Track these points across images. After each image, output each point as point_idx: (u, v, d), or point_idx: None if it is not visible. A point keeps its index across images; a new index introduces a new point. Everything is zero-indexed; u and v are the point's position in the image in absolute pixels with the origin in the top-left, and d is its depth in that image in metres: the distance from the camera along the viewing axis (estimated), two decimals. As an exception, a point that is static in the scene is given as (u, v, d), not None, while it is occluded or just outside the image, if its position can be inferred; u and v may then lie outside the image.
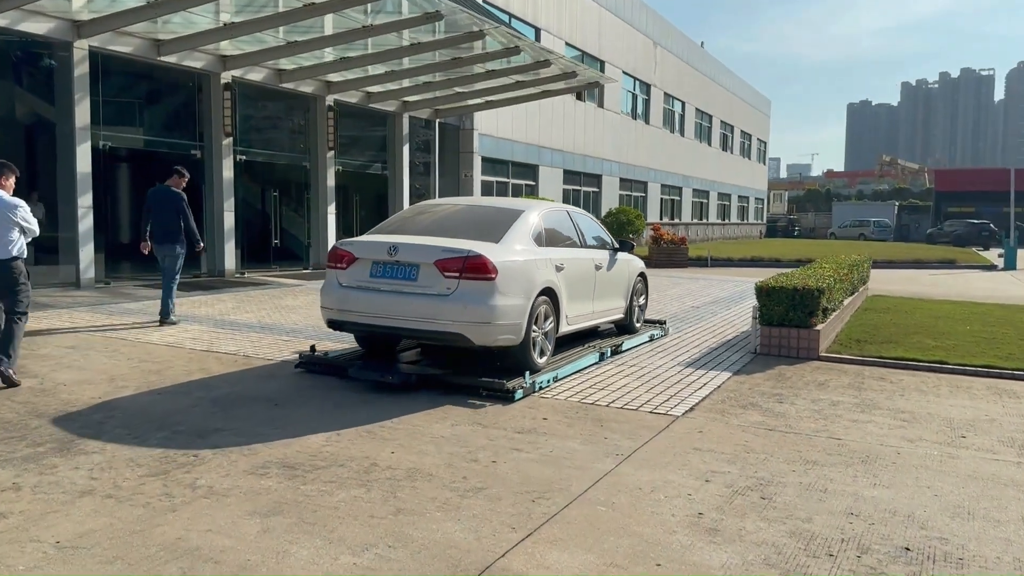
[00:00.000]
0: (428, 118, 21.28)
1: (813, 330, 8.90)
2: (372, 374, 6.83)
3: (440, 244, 6.75)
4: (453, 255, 6.56)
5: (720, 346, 9.56)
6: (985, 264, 28.07)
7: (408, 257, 6.70)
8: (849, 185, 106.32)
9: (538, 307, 7.07)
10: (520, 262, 6.94)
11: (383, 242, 6.90)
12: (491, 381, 6.55)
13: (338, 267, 7.04)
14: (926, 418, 6.42)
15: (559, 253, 7.71)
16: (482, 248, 6.69)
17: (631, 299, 9.59)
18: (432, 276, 6.58)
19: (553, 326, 7.43)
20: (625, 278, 9.40)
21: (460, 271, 6.50)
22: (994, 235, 47.56)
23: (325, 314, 7.17)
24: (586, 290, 8.25)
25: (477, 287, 6.49)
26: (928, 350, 9.18)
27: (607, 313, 8.99)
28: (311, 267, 17.80)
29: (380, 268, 6.80)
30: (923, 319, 11.93)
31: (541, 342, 7.24)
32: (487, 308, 6.49)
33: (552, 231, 7.91)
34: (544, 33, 26.44)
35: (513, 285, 6.72)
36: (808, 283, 9.03)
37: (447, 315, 6.49)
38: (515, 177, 26.10)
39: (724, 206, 51.53)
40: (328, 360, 7.36)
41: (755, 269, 23.90)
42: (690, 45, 43.09)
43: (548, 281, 7.25)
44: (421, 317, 6.56)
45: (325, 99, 17.47)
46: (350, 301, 6.88)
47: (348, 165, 18.93)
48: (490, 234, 7.07)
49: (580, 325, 8.27)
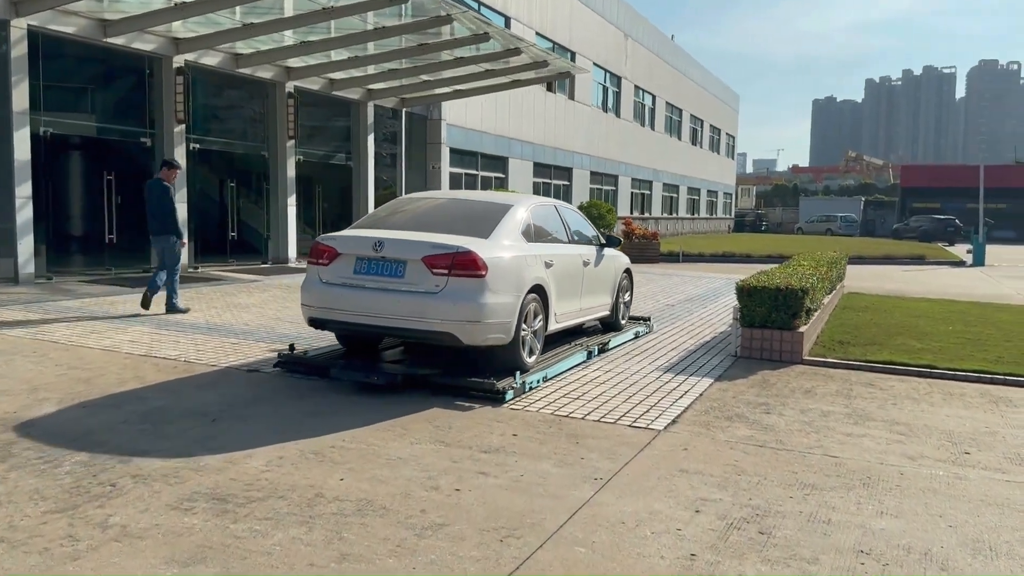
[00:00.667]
0: (394, 107, 20.58)
1: (797, 332, 8.44)
2: (356, 374, 6.53)
3: (428, 239, 6.49)
4: (442, 251, 6.32)
5: (699, 348, 9.08)
6: (954, 260, 28.04)
7: (394, 253, 6.44)
8: (815, 180, 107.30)
9: (528, 305, 6.85)
10: (510, 258, 6.70)
11: (368, 237, 6.61)
12: (480, 381, 6.31)
13: (319, 263, 6.73)
14: (924, 431, 5.97)
15: (548, 249, 7.50)
16: (472, 244, 6.45)
17: (617, 296, 9.37)
18: (420, 273, 6.33)
19: (542, 324, 7.21)
20: (611, 274, 9.17)
21: (449, 268, 6.27)
22: (959, 231, 47.90)
23: (306, 312, 6.86)
24: (574, 287, 8.03)
25: (467, 284, 6.26)
26: (914, 353, 8.78)
27: (594, 310, 8.77)
28: (270, 261, 17.05)
29: (365, 264, 6.52)
30: (903, 318, 11.56)
31: (530, 341, 7.02)
32: (477, 306, 6.26)
33: (540, 226, 7.67)
34: (514, 22, 25.81)
35: (503, 282, 6.50)
36: (791, 282, 8.57)
37: (436, 313, 6.25)
38: (484, 169, 25.49)
39: (693, 200, 51.35)
40: (309, 360, 7.00)
41: (727, 265, 23.57)
42: (661, 38, 42.71)
43: (538, 278, 7.03)
44: (408, 315, 6.32)
45: (285, 85, 16.72)
46: (333, 299, 6.61)
47: (310, 155, 18.18)
48: (478, 229, 6.82)
49: (568, 323, 8.05)
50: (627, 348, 8.95)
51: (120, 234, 14.05)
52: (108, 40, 13.10)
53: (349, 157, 19.49)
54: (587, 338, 8.77)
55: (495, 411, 5.99)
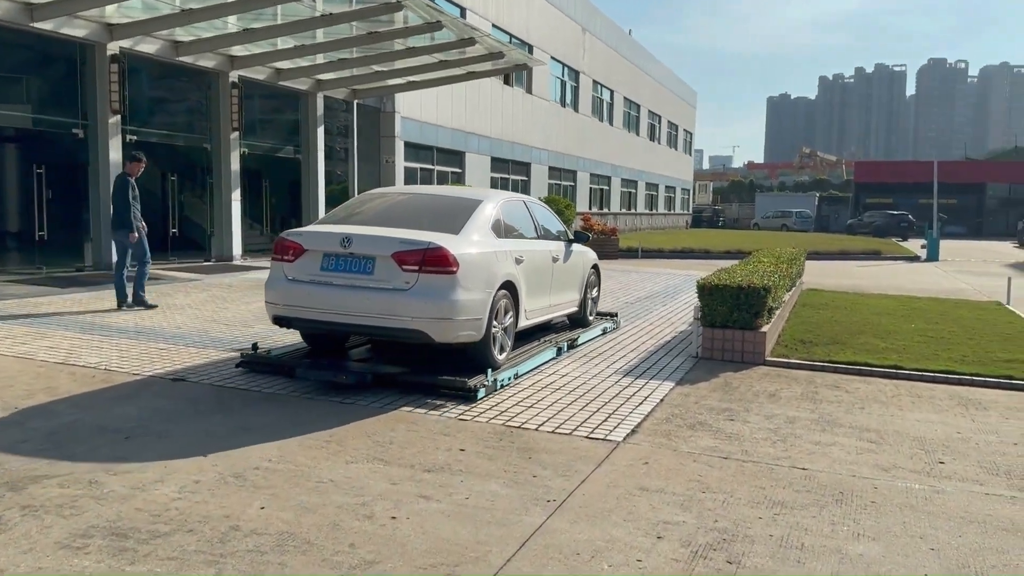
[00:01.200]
0: (345, 98, 19.95)
1: (759, 332, 8.12)
2: (323, 374, 6.35)
3: (398, 235, 6.35)
4: (412, 247, 6.18)
5: (659, 349, 8.72)
6: (909, 255, 28.25)
7: (363, 249, 6.28)
8: (770, 176, 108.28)
9: (499, 301, 6.78)
10: (481, 254, 6.62)
11: (335, 233, 6.45)
12: (452, 380, 6.18)
13: (285, 260, 6.54)
14: (894, 438, 5.65)
15: (518, 245, 7.42)
16: (442, 240, 6.32)
17: (585, 292, 9.30)
18: (389, 269, 6.19)
19: (513, 321, 7.13)
20: (580, 270, 9.12)
21: (420, 264, 6.13)
22: (912, 226, 48.58)
23: (271, 310, 6.67)
24: (544, 283, 7.96)
25: (438, 281, 6.14)
26: (879, 352, 8.52)
27: (563, 306, 8.70)
28: (213, 259, 16.35)
29: (332, 261, 6.36)
30: (865, 316, 11.35)
31: (501, 338, 6.94)
32: (448, 303, 6.15)
33: (510, 222, 7.57)
34: (469, 13, 25.28)
35: (474, 279, 6.41)
36: (753, 280, 8.25)
37: (406, 311, 6.12)
38: (441, 164, 24.96)
39: (652, 196, 51.35)
40: (272, 359, 6.79)
41: (686, 261, 23.37)
42: (619, 33, 42.51)
43: (508, 274, 6.95)
44: (378, 313, 6.16)
45: (229, 75, 16.02)
46: (299, 296, 6.42)
47: (256, 148, 17.50)
48: (448, 225, 6.70)
49: (538, 319, 8.01)
50: (591, 347, 8.68)
51: (52, 231, 13.31)
52: (35, 25, 12.33)
53: (298, 150, 18.83)
54: (556, 335, 8.66)
55: (443, 422, 5.54)
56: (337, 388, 6.26)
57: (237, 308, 10.32)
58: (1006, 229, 56.35)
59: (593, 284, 9.65)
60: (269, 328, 8.92)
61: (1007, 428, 6.03)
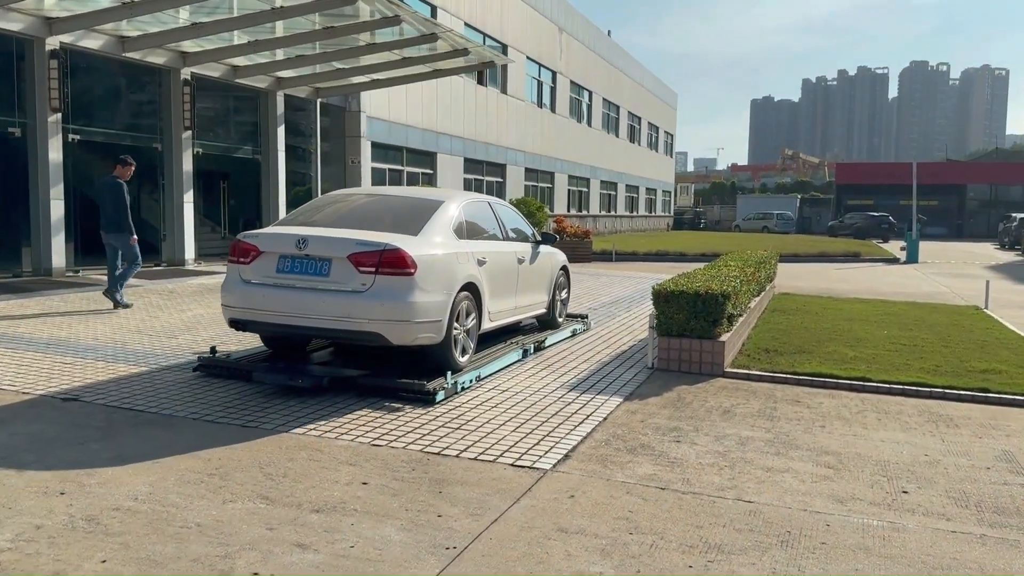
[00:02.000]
0: (308, 97, 19.32)
1: (717, 342, 7.59)
2: (279, 377, 6.25)
3: (354, 237, 6.29)
4: (369, 248, 6.11)
5: (614, 359, 8.17)
6: (888, 257, 27.89)
7: (319, 251, 6.20)
8: (753, 178, 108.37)
9: (460, 303, 6.73)
10: (440, 255, 6.57)
11: (291, 234, 6.35)
12: (410, 383, 6.12)
13: (241, 262, 6.45)
14: (856, 462, 5.12)
15: (481, 246, 7.38)
16: (400, 241, 6.26)
17: (553, 293, 9.25)
18: (346, 271, 6.11)
19: (475, 323, 7.09)
20: (548, 272, 9.07)
21: (376, 265, 6.07)
22: (893, 227, 48.35)
23: (227, 313, 6.57)
24: (509, 285, 7.92)
25: (395, 283, 6.09)
26: (847, 362, 8.01)
27: (530, 308, 8.66)
28: (164, 263, 15.68)
29: (288, 263, 6.28)
30: (836, 322, 10.86)
31: (463, 340, 6.89)
32: (406, 305, 6.10)
33: (473, 223, 7.52)
34: (441, 11, 24.73)
35: (433, 280, 6.36)
36: (711, 286, 7.71)
37: (362, 313, 6.05)
38: (411, 165, 24.36)
39: (632, 198, 50.92)
40: (230, 363, 6.72)
41: (660, 264, 22.88)
42: (597, 33, 42.04)
43: (470, 276, 6.90)
44: (334, 316, 6.08)
45: (180, 72, 15.37)
46: (255, 299, 6.33)
47: (212, 148, 16.85)
48: (408, 226, 6.66)
49: (503, 321, 7.94)
50: (555, 350, 8.52)
51: (-14, 234, 12.62)
52: (-35, 17, 11.67)
53: (257, 151, 18.18)
54: (523, 336, 8.60)
55: (353, 448, 4.96)
56: (295, 392, 6.13)
57: (169, 317, 9.70)
58: (987, 230, 56.29)
59: (562, 286, 9.57)
60: (195, 338, 8.32)
61: (979, 449, 5.51)
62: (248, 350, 7.33)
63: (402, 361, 6.71)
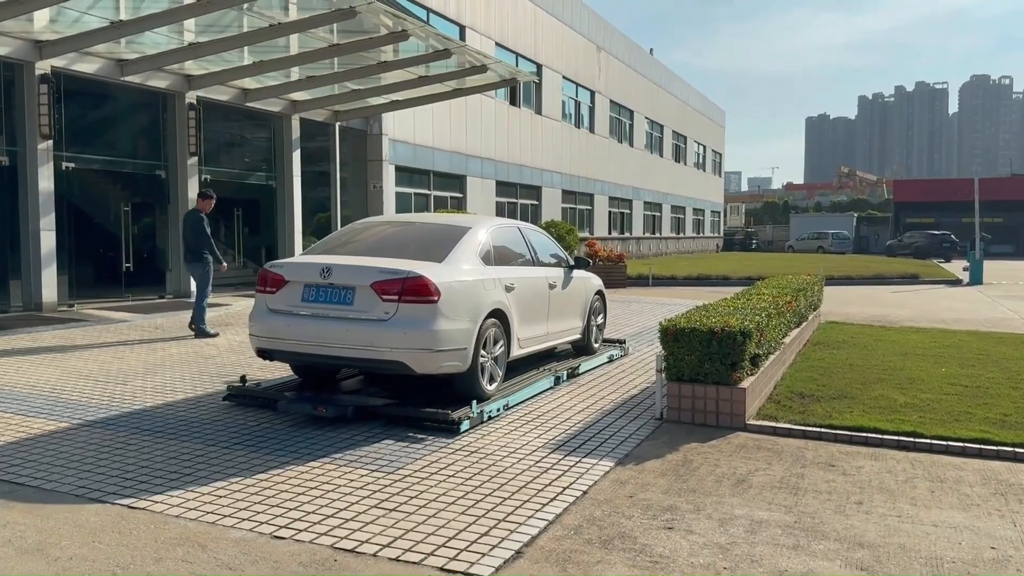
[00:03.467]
0: (326, 120, 18.62)
1: (737, 388, 6.41)
2: (303, 407, 6.19)
3: (378, 265, 6.29)
4: (391, 276, 6.11)
5: (619, 406, 7.03)
6: (949, 279, 26.03)
7: (343, 279, 6.23)
8: (808, 197, 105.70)
9: (486, 330, 6.63)
10: (466, 282, 6.51)
11: (315, 263, 6.40)
12: (435, 412, 5.98)
13: (267, 291, 6.53)
14: (897, 559, 3.92)
15: (509, 272, 7.29)
16: (423, 268, 6.24)
17: (588, 319, 9.04)
18: (369, 299, 6.12)
19: (503, 350, 6.98)
20: (582, 297, 8.89)
21: (399, 293, 6.04)
22: (955, 246, 46.06)
23: (254, 342, 6.63)
24: (539, 311, 7.78)
25: (418, 311, 6.04)
26: (895, 411, 6.75)
27: (563, 334, 8.47)
28: (170, 295, 14.99)
29: (313, 292, 6.31)
30: (887, 357, 9.54)
31: (490, 368, 6.76)
32: (429, 333, 6.05)
33: (502, 248, 7.45)
34: (470, 31, 24.02)
35: (458, 308, 6.29)
36: (730, 322, 6.55)
37: (386, 342, 6.02)
38: (438, 189, 23.54)
39: (678, 219, 49.47)
40: (258, 392, 6.70)
41: (701, 289, 21.57)
42: (637, 52, 40.99)
43: (497, 302, 6.81)
44: (358, 344, 6.09)
45: (185, 96, 14.75)
46: (280, 328, 6.37)
47: (222, 175, 16.18)
48: (434, 253, 6.64)
49: (533, 348, 7.77)
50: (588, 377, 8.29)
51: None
52: (-51, 42, 11.16)
53: (271, 177, 17.48)
54: (556, 363, 8.42)
55: (246, 542, 3.94)
56: (320, 422, 6.03)
57: (136, 358, 8.86)
58: (1057, 248, 53.34)
59: (598, 311, 9.37)
60: (147, 384, 7.42)
61: (1064, 539, 4.25)
62: (277, 379, 7.34)
63: (431, 388, 6.57)
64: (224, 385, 7.21)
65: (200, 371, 8.21)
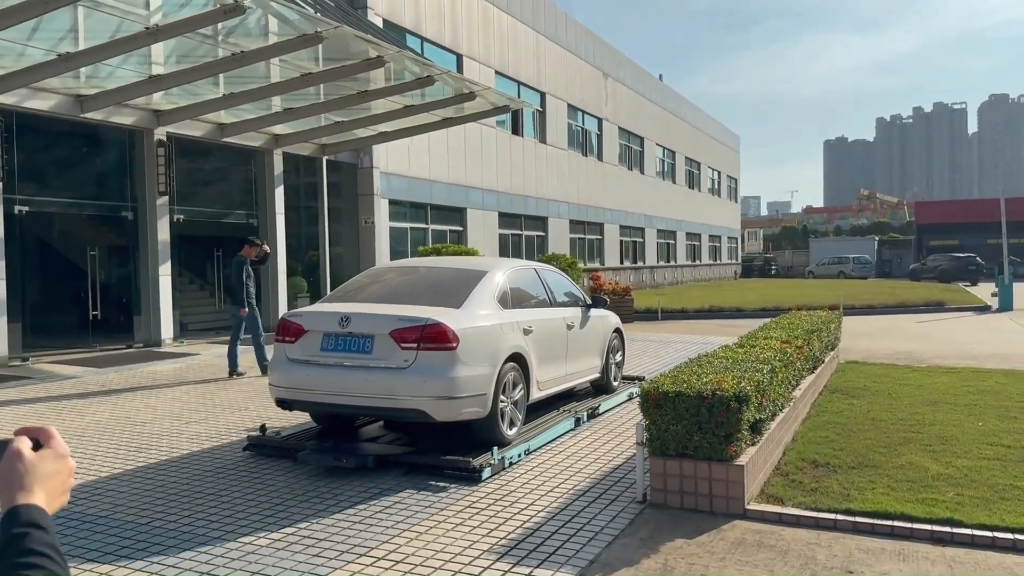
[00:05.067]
0: (312, 155, 17.78)
1: (733, 466, 5.29)
2: (324, 458, 6.15)
3: (396, 312, 6.28)
4: (410, 324, 6.08)
5: (596, 484, 5.92)
6: (977, 305, 24.63)
7: (361, 328, 6.22)
8: (828, 221, 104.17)
9: (505, 375, 6.57)
10: (484, 327, 6.49)
11: (334, 312, 6.43)
12: (455, 460, 5.93)
13: (286, 340, 6.49)
14: None
15: (527, 315, 7.25)
16: (441, 315, 6.21)
17: (607, 357, 8.94)
18: (388, 348, 6.10)
19: (523, 394, 6.93)
20: (600, 335, 8.77)
21: (418, 341, 6.02)
22: (981, 269, 44.48)
23: (274, 392, 6.59)
24: (558, 352, 7.70)
25: (437, 358, 6.02)
26: (928, 486, 5.59)
27: (582, 374, 8.37)
28: (139, 344, 14.05)
29: (332, 341, 6.31)
30: (914, 408, 8.35)
31: (510, 412, 6.72)
32: (448, 380, 6.03)
33: (518, 291, 7.42)
34: (468, 60, 23.22)
35: (477, 353, 6.26)
36: (723, 383, 5.44)
37: (405, 390, 6.02)
38: (436, 222, 22.61)
39: (694, 246, 48.27)
40: (278, 441, 6.67)
41: (712, 322, 20.38)
42: (646, 78, 40.16)
43: (516, 346, 6.76)
44: (377, 393, 6.08)
45: (153, 132, 13.93)
46: (300, 378, 6.36)
47: (197, 214, 15.32)
48: (450, 299, 6.61)
49: (552, 390, 7.66)
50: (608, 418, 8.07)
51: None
52: None
53: (252, 215, 16.60)
54: (576, 403, 8.32)
55: None
56: (342, 472, 6.01)
57: (60, 422, 7.86)
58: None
59: (616, 348, 9.26)
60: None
61: None
62: (298, 427, 7.23)
63: (452, 435, 6.48)
64: (144, 459, 6.19)
65: (119, 443, 7.19)
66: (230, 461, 6.51)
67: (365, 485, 5.76)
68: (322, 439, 6.72)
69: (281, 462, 6.39)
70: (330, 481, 5.86)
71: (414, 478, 5.85)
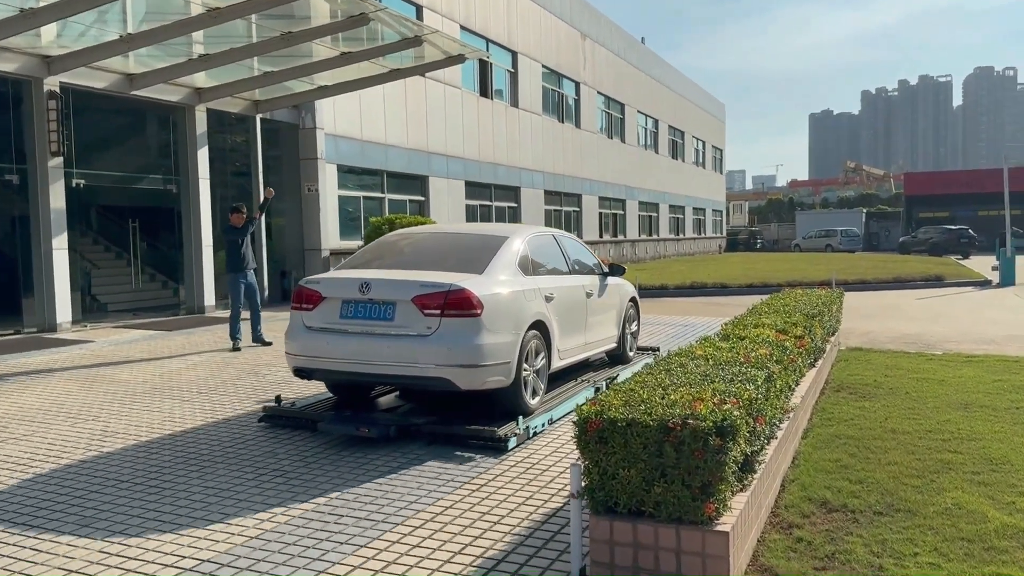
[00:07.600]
0: (243, 112, 15.76)
1: (711, 532, 3.48)
2: (345, 427, 5.98)
3: (418, 278, 6.06)
4: (433, 290, 5.88)
5: (523, 541, 4.11)
6: (978, 279, 22.99)
7: (382, 294, 6.00)
8: (814, 193, 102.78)
9: (528, 343, 6.36)
10: (507, 294, 6.27)
11: (353, 278, 6.19)
12: (480, 429, 5.77)
13: (303, 308, 6.28)
14: None
15: (547, 282, 6.99)
16: (465, 280, 6.00)
17: (623, 327, 8.74)
18: (410, 314, 5.89)
19: (545, 362, 6.70)
20: (617, 304, 8.57)
21: (442, 307, 5.82)
22: (973, 241, 43.05)
23: (291, 361, 6.35)
24: (578, 320, 7.48)
25: (461, 325, 5.84)
26: (990, 546, 3.87)
27: (599, 344, 8.18)
28: (32, 328, 12.08)
29: (352, 308, 6.09)
30: (943, 413, 6.60)
31: (533, 381, 6.50)
32: (473, 348, 5.82)
33: (538, 258, 7.14)
34: (428, 12, 21.13)
35: (501, 320, 6.06)
36: (699, 404, 3.62)
37: (429, 358, 5.80)
38: (393, 191, 20.65)
39: (677, 219, 46.47)
40: (295, 412, 6.47)
41: (694, 300, 18.63)
42: (628, 40, 38.09)
43: (538, 313, 6.55)
44: (400, 361, 5.86)
45: (43, 82, 11.89)
46: (318, 346, 6.14)
47: (102, 179, 13.33)
48: (472, 264, 6.40)
49: (574, 358, 7.49)
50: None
51: None
52: None
53: (171, 180, 14.59)
54: (594, 373, 8.20)
55: None
56: (361, 442, 5.86)
57: None
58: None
59: (632, 318, 9.08)
60: None
61: None
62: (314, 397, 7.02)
63: (471, 404, 6.34)
64: None
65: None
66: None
67: (392, 454, 5.62)
68: (339, 409, 6.54)
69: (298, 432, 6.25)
70: (354, 450, 5.71)
71: (437, 448, 5.73)
